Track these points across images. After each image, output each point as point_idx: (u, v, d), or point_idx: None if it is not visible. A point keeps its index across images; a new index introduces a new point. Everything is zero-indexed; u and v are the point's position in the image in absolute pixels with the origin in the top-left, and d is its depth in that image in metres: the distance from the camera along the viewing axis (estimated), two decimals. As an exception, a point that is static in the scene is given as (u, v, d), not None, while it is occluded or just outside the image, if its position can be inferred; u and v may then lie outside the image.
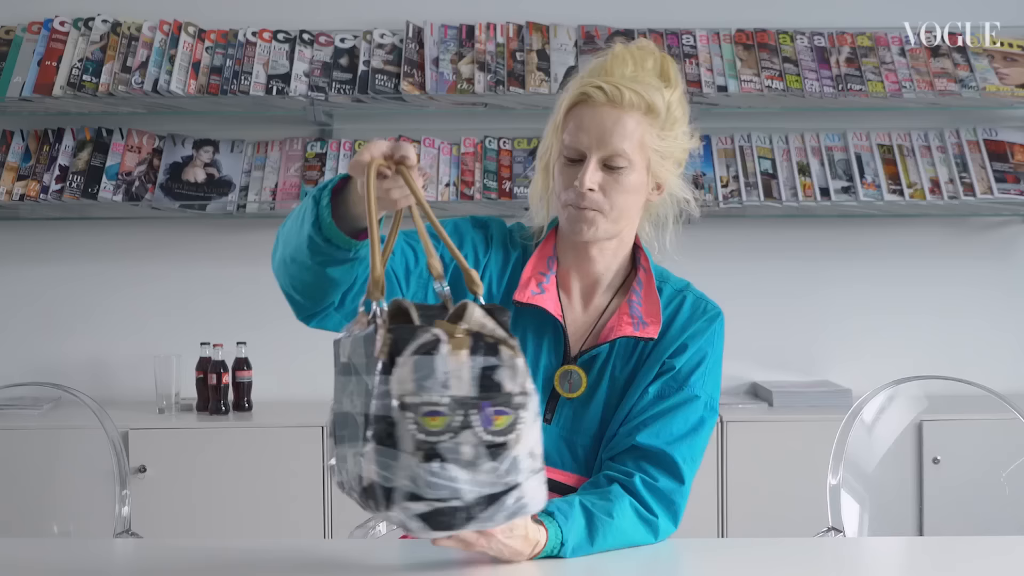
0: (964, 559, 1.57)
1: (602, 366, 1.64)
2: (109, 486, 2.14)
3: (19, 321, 3.39)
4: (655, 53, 1.65)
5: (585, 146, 1.58)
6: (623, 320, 1.63)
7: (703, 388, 1.64)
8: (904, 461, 2.85)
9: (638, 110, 1.58)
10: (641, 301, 1.65)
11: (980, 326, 3.43)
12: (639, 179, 1.61)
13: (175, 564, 1.50)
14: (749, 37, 3.33)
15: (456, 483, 1.16)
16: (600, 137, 1.57)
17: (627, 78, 1.59)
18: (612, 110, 1.58)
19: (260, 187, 3.26)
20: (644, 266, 1.69)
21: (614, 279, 1.69)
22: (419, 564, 1.47)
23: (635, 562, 1.51)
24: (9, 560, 1.52)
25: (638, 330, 1.62)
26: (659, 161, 1.62)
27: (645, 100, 1.58)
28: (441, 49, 3.27)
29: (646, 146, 1.59)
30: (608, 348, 1.64)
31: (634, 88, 1.58)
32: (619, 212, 1.61)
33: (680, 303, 1.68)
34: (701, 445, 1.63)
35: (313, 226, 1.39)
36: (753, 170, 3.27)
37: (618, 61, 1.62)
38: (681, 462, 1.59)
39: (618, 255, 1.68)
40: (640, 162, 1.60)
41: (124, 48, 3.22)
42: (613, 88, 1.57)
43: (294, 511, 2.96)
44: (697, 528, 2.97)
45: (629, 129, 1.58)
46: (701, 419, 1.63)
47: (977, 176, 3.25)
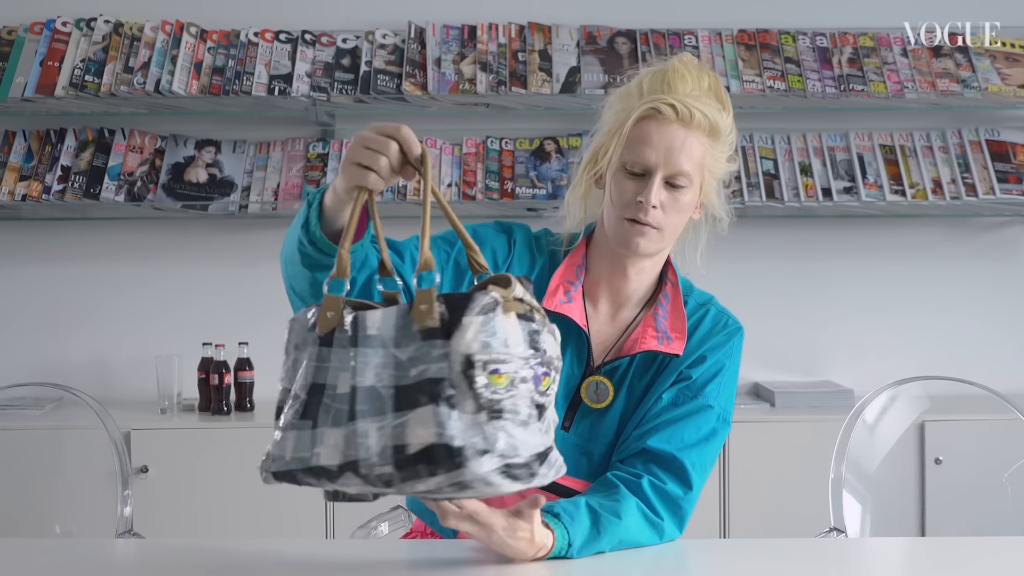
0: (966, 559, 1.57)
1: (622, 377, 1.65)
2: (111, 486, 2.14)
3: (21, 321, 3.39)
4: (709, 73, 1.67)
5: (653, 163, 1.59)
6: (648, 333, 1.64)
7: (717, 399, 1.64)
8: (906, 461, 2.84)
9: (703, 131, 1.60)
10: (667, 315, 1.66)
11: (983, 326, 3.43)
12: (693, 198, 1.63)
13: (177, 564, 1.50)
14: (751, 37, 3.33)
15: (516, 440, 1.20)
16: (668, 155, 1.58)
17: (691, 97, 1.60)
18: (680, 129, 1.59)
19: (262, 187, 3.26)
20: (672, 280, 1.70)
21: (644, 294, 1.70)
22: (420, 564, 1.47)
23: (639, 562, 1.51)
24: (11, 560, 1.52)
25: (662, 344, 1.63)
26: (711, 182, 1.64)
27: (710, 121, 1.60)
28: (443, 49, 3.27)
29: (704, 166, 1.61)
30: (629, 360, 1.65)
31: (702, 109, 1.59)
32: (673, 229, 1.63)
33: (702, 316, 1.69)
34: (712, 455, 1.63)
35: (303, 228, 1.41)
36: (755, 170, 3.26)
37: (678, 76, 1.62)
38: (691, 468, 1.59)
39: (652, 273, 1.70)
40: (697, 181, 1.62)
41: (126, 48, 3.23)
42: (684, 107, 1.58)
43: (296, 511, 2.96)
44: (699, 528, 2.96)
45: (694, 149, 1.59)
46: (713, 430, 1.63)
47: (979, 176, 3.25)
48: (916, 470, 2.92)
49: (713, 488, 2.99)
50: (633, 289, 1.68)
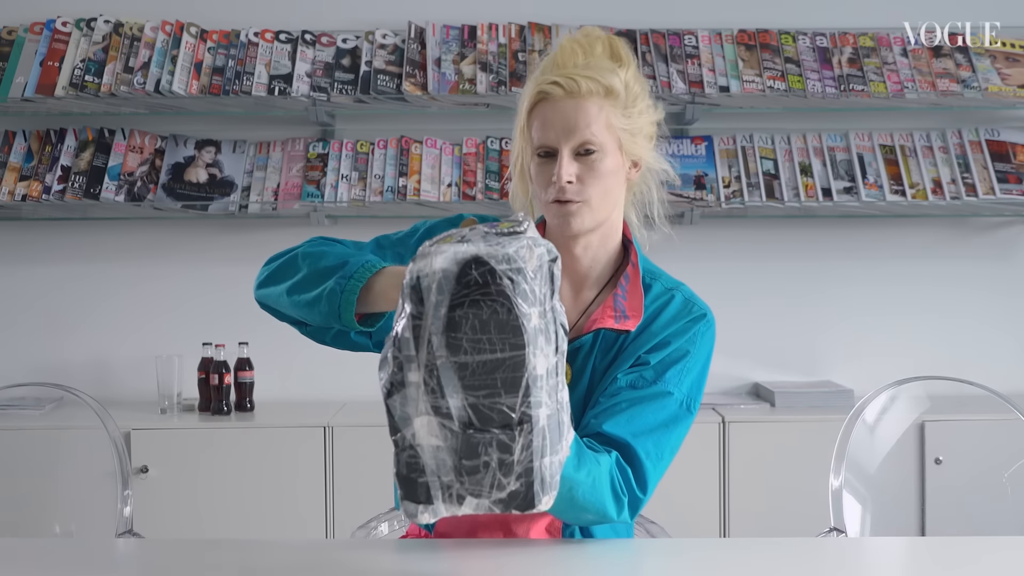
0: (966, 559, 1.57)
1: (585, 358, 1.64)
2: (111, 486, 2.14)
3: (21, 321, 3.40)
4: (602, 37, 1.65)
5: (554, 141, 1.59)
6: (606, 313, 1.63)
7: (678, 386, 1.61)
8: (906, 461, 2.85)
9: (597, 95, 1.59)
10: (626, 295, 1.65)
11: (982, 326, 3.43)
12: (614, 161, 1.61)
13: (177, 564, 1.50)
14: (751, 37, 3.33)
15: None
16: (566, 129, 1.58)
17: (580, 67, 1.60)
18: (572, 101, 1.58)
19: (262, 187, 3.27)
20: (633, 261, 1.69)
21: (602, 274, 1.69)
22: (419, 564, 1.47)
23: (637, 561, 1.51)
24: (11, 560, 1.52)
25: (619, 323, 1.62)
26: (630, 139, 1.62)
27: (602, 84, 1.59)
28: (443, 49, 3.27)
29: (613, 127, 1.60)
30: (591, 340, 1.63)
31: (588, 75, 1.58)
32: (601, 198, 1.61)
33: (667, 301, 1.66)
34: (671, 443, 1.60)
35: (331, 309, 1.44)
36: (755, 170, 3.27)
37: (567, 53, 1.63)
38: (644, 458, 1.55)
39: (605, 248, 1.68)
40: (611, 144, 1.60)
41: (126, 48, 3.23)
42: (568, 80, 1.58)
43: (296, 511, 2.96)
44: (699, 528, 2.98)
45: (592, 115, 1.58)
46: (674, 416, 1.59)
47: (979, 176, 3.25)
48: (916, 470, 2.92)
49: (713, 488, 3.00)
50: (588, 267, 1.68)
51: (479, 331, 1.14)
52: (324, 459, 2.97)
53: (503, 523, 1.64)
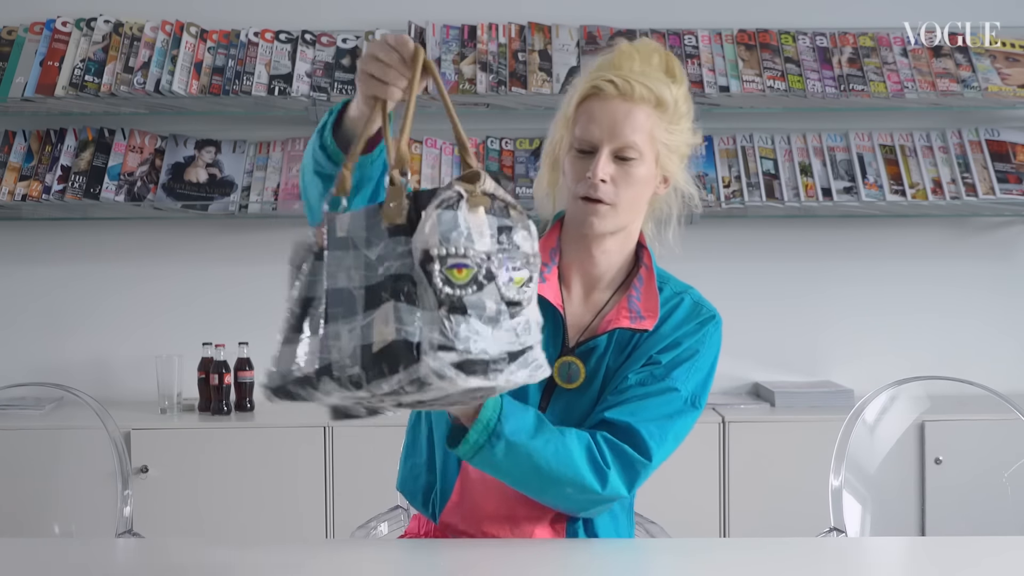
0: (966, 559, 1.57)
1: (599, 358, 1.65)
2: (111, 486, 2.14)
3: (21, 321, 3.40)
4: (660, 50, 1.68)
5: (597, 138, 1.60)
6: (621, 314, 1.65)
7: (685, 383, 1.64)
8: (906, 461, 2.84)
9: (648, 103, 1.61)
10: (640, 297, 1.67)
11: (982, 326, 3.43)
12: (648, 171, 1.63)
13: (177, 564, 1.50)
14: (751, 37, 3.33)
15: (481, 336, 1.16)
16: (612, 129, 1.59)
17: (636, 72, 1.61)
18: (623, 103, 1.60)
19: (262, 187, 3.26)
20: (647, 264, 1.70)
21: (615, 276, 1.71)
22: (419, 564, 1.48)
23: (637, 561, 1.51)
24: (11, 560, 1.52)
25: (635, 323, 1.64)
26: (667, 154, 1.64)
27: (655, 94, 1.61)
28: (443, 49, 3.27)
29: (655, 139, 1.62)
30: (606, 341, 1.65)
31: (644, 82, 1.60)
32: (628, 204, 1.63)
33: (678, 304, 1.69)
34: (673, 433, 1.62)
35: (318, 134, 1.43)
36: (755, 170, 3.27)
37: (625, 57, 1.64)
38: (648, 437, 1.58)
39: (621, 253, 1.70)
40: (649, 154, 1.62)
41: (126, 48, 3.23)
42: (624, 81, 1.60)
43: (296, 511, 2.96)
44: (699, 528, 2.97)
45: (640, 122, 1.60)
46: (678, 411, 1.62)
47: (979, 176, 3.25)
48: (916, 470, 2.92)
49: (713, 487, 3.00)
50: (602, 271, 1.69)
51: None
52: (324, 459, 2.97)
53: (509, 518, 1.64)
